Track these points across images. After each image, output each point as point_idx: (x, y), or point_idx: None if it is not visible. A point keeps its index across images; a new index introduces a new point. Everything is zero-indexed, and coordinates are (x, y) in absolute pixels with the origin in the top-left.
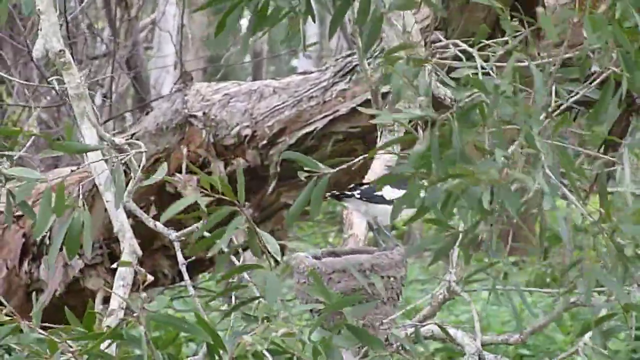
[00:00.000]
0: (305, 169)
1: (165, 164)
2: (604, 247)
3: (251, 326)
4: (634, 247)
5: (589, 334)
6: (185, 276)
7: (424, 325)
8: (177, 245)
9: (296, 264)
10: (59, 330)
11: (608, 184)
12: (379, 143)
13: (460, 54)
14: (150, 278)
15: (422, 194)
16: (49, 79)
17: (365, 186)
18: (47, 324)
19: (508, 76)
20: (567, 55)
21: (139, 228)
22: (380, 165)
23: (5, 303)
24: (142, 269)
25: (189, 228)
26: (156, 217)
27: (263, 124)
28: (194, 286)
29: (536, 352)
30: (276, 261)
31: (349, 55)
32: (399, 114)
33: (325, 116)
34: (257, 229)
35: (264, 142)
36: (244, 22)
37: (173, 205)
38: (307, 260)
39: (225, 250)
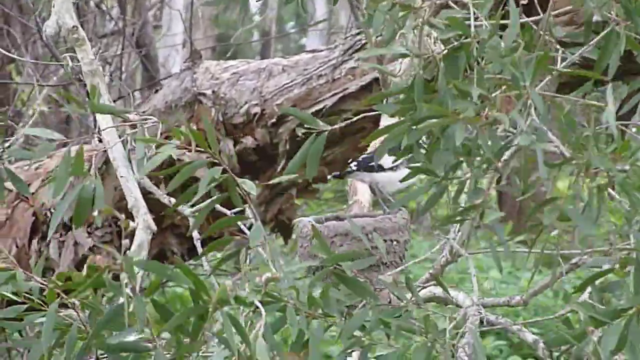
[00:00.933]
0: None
1: (173, 140)
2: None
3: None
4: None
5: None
6: (199, 250)
7: (425, 287)
8: (192, 220)
9: (299, 229)
10: (51, 280)
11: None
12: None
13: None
14: (133, 225)
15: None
16: (63, 57)
17: (364, 156)
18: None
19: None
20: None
21: (147, 206)
22: None
23: (5, 252)
24: (122, 215)
25: (204, 203)
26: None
27: (272, 102)
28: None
29: (546, 331)
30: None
31: (358, 34)
32: (378, 49)
33: (335, 94)
34: (235, 177)
35: (273, 120)
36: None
37: (148, 162)
38: (309, 225)
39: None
